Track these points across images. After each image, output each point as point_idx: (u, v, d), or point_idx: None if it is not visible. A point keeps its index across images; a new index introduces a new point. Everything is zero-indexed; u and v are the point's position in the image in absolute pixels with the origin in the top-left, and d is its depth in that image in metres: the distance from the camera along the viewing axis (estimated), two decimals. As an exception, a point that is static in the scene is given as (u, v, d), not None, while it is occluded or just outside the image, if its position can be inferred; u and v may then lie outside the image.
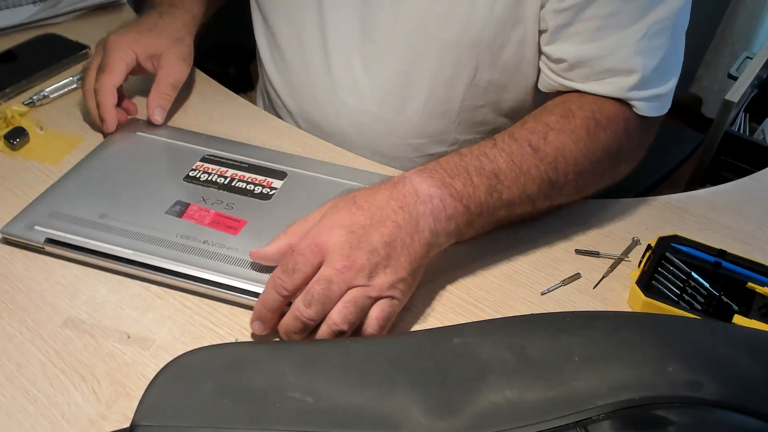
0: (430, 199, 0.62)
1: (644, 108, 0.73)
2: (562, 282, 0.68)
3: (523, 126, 0.70)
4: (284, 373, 0.51)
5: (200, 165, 0.77)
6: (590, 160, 0.70)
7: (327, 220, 0.60)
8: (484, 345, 0.53)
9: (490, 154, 0.66)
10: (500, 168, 0.66)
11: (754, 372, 0.50)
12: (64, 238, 0.67)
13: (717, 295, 0.65)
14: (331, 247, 0.58)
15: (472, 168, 0.65)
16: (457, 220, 0.63)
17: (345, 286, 0.57)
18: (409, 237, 0.60)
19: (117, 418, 0.54)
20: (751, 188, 0.83)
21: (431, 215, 0.61)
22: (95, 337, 0.60)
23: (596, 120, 0.71)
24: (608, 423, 0.46)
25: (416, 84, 0.85)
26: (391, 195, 0.61)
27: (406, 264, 0.59)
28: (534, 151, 0.67)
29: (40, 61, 0.95)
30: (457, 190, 0.63)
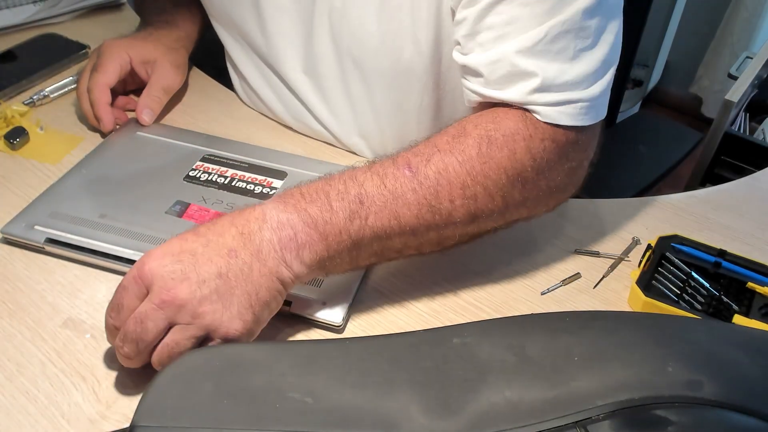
0: (279, 226, 0.57)
1: (552, 114, 0.63)
2: (563, 282, 0.68)
3: (410, 149, 0.63)
4: (284, 374, 0.51)
5: (200, 165, 0.77)
6: (482, 183, 0.61)
7: (157, 249, 0.55)
8: (484, 345, 0.53)
9: (360, 177, 0.60)
10: (367, 192, 0.59)
11: (754, 372, 0.50)
12: (64, 238, 0.67)
13: (717, 295, 0.65)
14: (154, 279, 0.53)
15: (333, 192, 0.59)
16: (311, 248, 0.58)
17: (164, 323, 0.53)
18: (248, 267, 0.55)
19: (117, 418, 0.54)
20: (751, 188, 0.83)
21: (279, 243, 0.57)
22: (95, 338, 0.60)
23: (490, 138, 0.62)
24: (608, 423, 0.46)
25: (366, 112, 0.83)
26: (233, 221, 0.57)
27: (242, 297, 0.55)
28: (413, 174, 0.60)
29: (40, 61, 0.95)
30: (311, 216, 0.58)
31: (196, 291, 0.53)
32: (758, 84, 1.46)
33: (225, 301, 0.54)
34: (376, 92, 0.81)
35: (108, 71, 0.83)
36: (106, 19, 1.10)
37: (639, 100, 2.45)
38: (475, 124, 0.63)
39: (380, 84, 0.79)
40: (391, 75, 0.78)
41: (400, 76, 0.78)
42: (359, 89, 0.81)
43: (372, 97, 0.81)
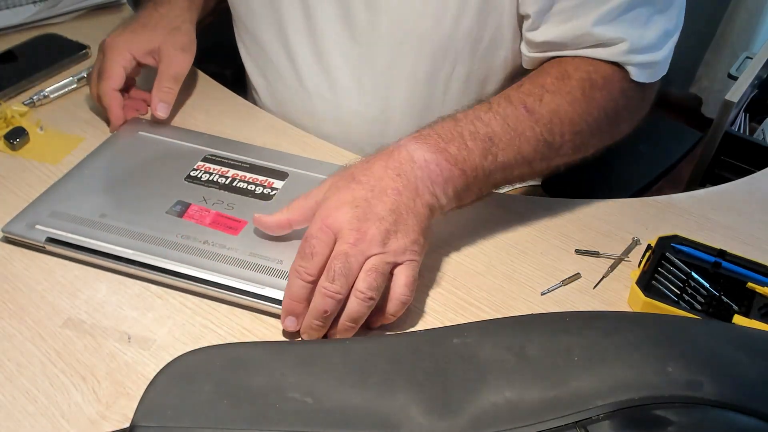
0: (426, 164, 0.63)
1: (637, 74, 0.74)
2: (562, 282, 0.68)
3: (519, 88, 0.71)
4: (284, 374, 0.51)
5: (201, 165, 0.77)
6: (587, 120, 0.71)
7: (330, 201, 0.62)
8: (484, 345, 0.53)
9: (485, 117, 0.67)
10: (495, 131, 0.67)
11: (754, 372, 0.50)
12: (65, 237, 0.67)
13: (717, 295, 0.65)
14: (340, 225, 0.60)
15: (466, 132, 0.66)
16: (454, 183, 0.64)
17: (362, 257, 0.59)
18: (412, 201, 0.62)
19: (117, 418, 0.54)
20: (751, 188, 0.83)
21: (428, 179, 0.63)
22: (95, 337, 0.60)
23: (592, 81, 0.72)
24: (608, 423, 0.46)
25: (397, 81, 0.85)
26: (387, 164, 0.63)
27: (414, 226, 0.61)
28: (529, 113, 0.68)
29: (40, 61, 0.95)
30: (452, 155, 0.64)
31: (379, 226, 0.60)
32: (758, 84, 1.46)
33: (402, 230, 0.61)
34: (408, 58, 0.82)
35: (113, 76, 0.83)
36: (106, 20, 1.10)
37: (639, 100, 2.44)
38: (575, 67, 0.73)
39: (414, 49, 0.81)
40: (429, 39, 0.80)
41: (438, 41, 0.80)
42: (393, 57, 0.82)
43: (403, 64, 0.83)
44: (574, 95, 0.71)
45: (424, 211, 0.63)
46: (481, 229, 0.73)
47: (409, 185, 0.62)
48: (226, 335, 0.61)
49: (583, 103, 0.71)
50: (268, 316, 0.63)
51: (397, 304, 0.61)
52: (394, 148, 0.64)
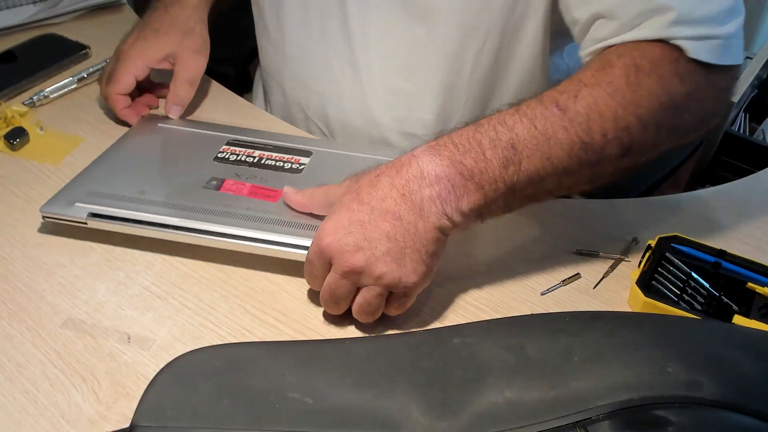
0: (437, 180, 0.59)
1: (693, 49, 0.62)
2: (562, 282, 0.68)
3: (555, 88, 0.63)
4: (284, 374, 0.51)
5: (227, 148, 0.79)
6: (634, 112, 0.61)
7: (329, 222, 0.60)
8: (484, 345, 0.53)
9: (509, 121, 0.60)
10: (519, 136, 0.59)
11: (753, 372, 0.50)
12: (108, 211, 0.67)
13: (717, 296, 0.65)
14: (332, 253, 0.59)
15: (486, 141, 0.59)
16: (469, 199, 0.59)
17: (352, 287, 0.59)
18: (413, 226, 0.58)
19: (117, 419, 0.54)
20: (751, 188, 0.83)
21: (438, 198, 0.59)
22: (95, 338, 0.60)
23: (637, 66, 0.62)
24: (608, 423, 0.46)
25: (426, 55, 0.84)
26: (394, 182, 0.59)
27: (413, 255, 0.58)
28: (562, 111, 0.60)
29: (40, 61, 0.95)
30: (467, 168, 0.59)
31: (370, 257, 0.58)
32: (758, 84, 1.46)
33: (398, 260, 0.58)
34: (438, 31, 0.81)
35: (120, 81, 0.85)
36: (106, 20, 1.10)
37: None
38: (618, 55, 0.63)
39: (445, 24, 0.80)
40: (460, 13, 0.79)
41: (470, 15, 0.79)
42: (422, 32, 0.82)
43: (432, 38, 0.82)
44: (617, 85, 0.61)
45: (429, 235, 0.59)
46: (480, 229, 0.73)
47: (414, 208, 0.58)
48: (226, 335, 0.61)
49: (628, 92, 0.61)
50: (268, 316, 0.63)
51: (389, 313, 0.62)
52: (406, 161, 0.60)
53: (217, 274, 0.67)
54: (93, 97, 0.91)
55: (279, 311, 0.64)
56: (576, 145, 0.60)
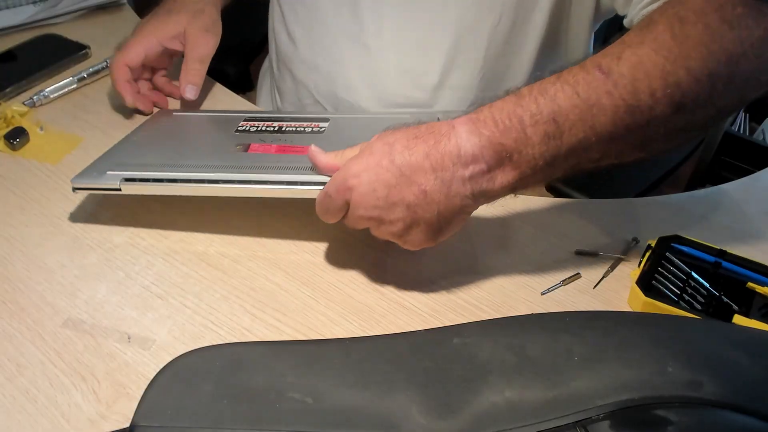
0: (473, 160, 0.58)
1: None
2: (563, 282, 0.68)
3: (598, 52, 0.60)
4: (284, 374, 0.51)
5: (245, 123, 0.80)
6: (684, 65, 0.57)
7: (357, 165, 0.60)
8: (484, 345, 0.53)
9: (551, 90, 0.58)
10: (561, 107, 0.57)
11: (753, 372, 0.50)
12: (142, 175, 0.68)
13: (717, 295, 0.65)
14: (352, 197, 0.60)
15: (527, 116, 0.58)
16: (504, 179, 0.59)
17: (363, 226, 0.63)
18: (435, 205, 0.59)
19: (117, 418, 0.54)
20: (751, 188, 0.83)
21: (469, 180, 0.58)
22: (95, 337, 0.60)
23: (681, 18, 0.58)
24: (608, 423, 0.46)
25: (440, 31, 0.84)
26: (429, 154, 0.58)
27: (425, 227, 0.60)
28: (605, 75, 0.57)
29: (40, 61, 0.95)
30: (506, 149, 0.58)
31: (385, 217, 0.60)
32: (758, 84, 1.46)
33: (409, 228, 0.60)
34: (452, 7, 0.81)
35: (130, 51, 0.86)
36: (106, 20, 1.10)
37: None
38: (660, 12, 0.60)
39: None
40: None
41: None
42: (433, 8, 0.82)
43: (446, 14, 0.82)
44: (662, 40, 0.57)
45: (447, 214, 0.60)
46: (481, 230, 0.73)
47: (442, 187, 0.58)
48: (226, 335, 0.61)
49: (675, 46, 0.57)
50: (268, 316, 0.63)
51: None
52: (445, 133, 0.59)
53: (217, 273, 0.67)
54: (93, 97, 0.92)
55: (279, 311, 0.64)
56: (621, 110, 0.57)
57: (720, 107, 0.60)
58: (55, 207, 0.73)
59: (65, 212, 0.73)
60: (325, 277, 0.67)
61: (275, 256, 0.69)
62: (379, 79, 0.88)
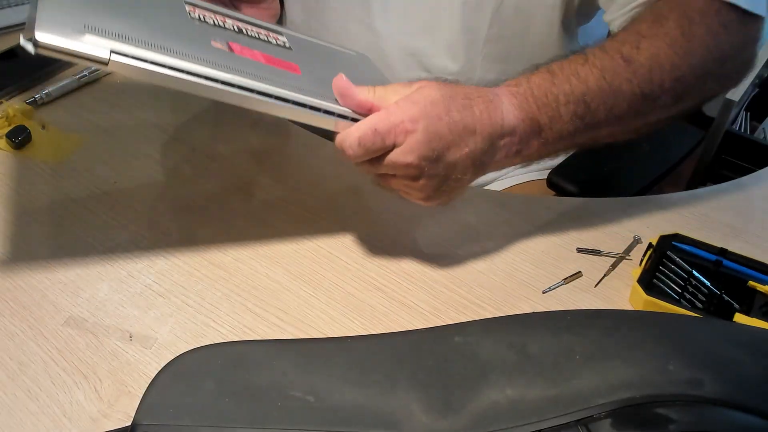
0: (511, 132, 0.62)
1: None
2: (564, 280, 0.68)
3: (615, 38, 0.66)
4: (285, 372, 0.51)
5: (192, 8, 0.64)
6: (689, 62, 0.65)
7: (417, 111, 0.59)
8: (486, 343, 0.53)
9: (582, 72, 0.63)
10: (590, 89, 0.63)
11: (754, 370, 0.50)
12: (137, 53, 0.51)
13: (718, 294, 0.65)
14: (408, 142, 0.59)
15: (562, 96, 0.62)
16: (528, 152, 0.64)
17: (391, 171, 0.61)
18: (474, 168, 0.62)
19: (119, 417, 0.54)
20: (752, 187, 0.83)
21: (503, 149, 0.62)
22: (97, 336, 0.60)
23: (689, 17, 0.66)
24: (609, 421, 0.46)
25: (446, 12, 0.84)
26: (481, 119, 0.60)
27: (454, 186, 0.62)
28: (627, 63, 0.64)
29: (42, 60, 0.95)
30: (540, 124, 0.63)
31: (427, 170, 0.60)
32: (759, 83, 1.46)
33: (440, 187, 0.61)
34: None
35: None
36: (107, 19, 1.10)
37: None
38: (669, 7, 0.67)
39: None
40: None
41: None
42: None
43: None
44: (673, 36, 0.65)
45: (477, 176, 0.63)
46: (482, 228, 0.74)
47: (482, 154, 0.61)
48: (228, 334, 0.61)
49: (684, 43, 0.65)
50: (269, 314, 0.63)
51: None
52: (496, 101, 0.62)
53: (218, 272, 0.67)
54: (95, 95, 0.91)
55: (281, 309, 0.64)
56: (637, 97, 0.64)
57: (703, 99, 0.70)
58: (57, 206, 0.73)
59: (67, 211, 0.73)
60: (327, 276, 0.67)
61: (277, 255, 0.69)
62: (385, 61, 0.88)
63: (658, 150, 1.05)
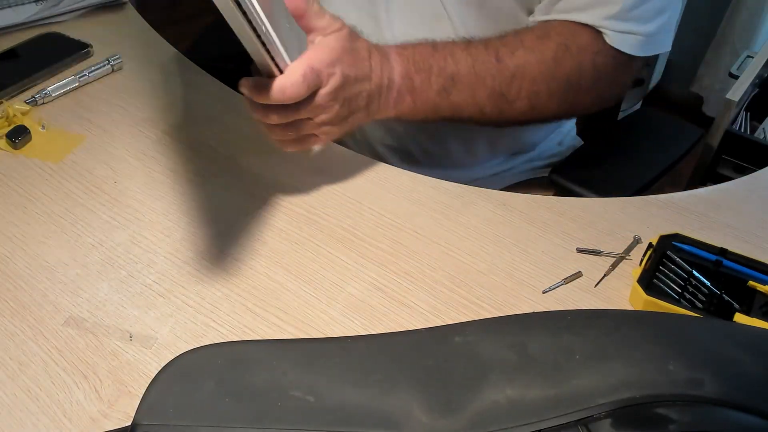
0: (391, 86, 0.72)
1: (618, 41, 0.76)
2: (564, 280, 0.68)
3: (501, 38, 0.76)
4: (285, 372, 0.51)
5: None
6: (548, 83, 0.76)
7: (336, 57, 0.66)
8: (486, 343, 0.53)
9: (458, 55, 0.74)
10: (459, 72, 0.73)
11: (755, 370, 0.50)
12: None
13: (718, 294, 0.65)
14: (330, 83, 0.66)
15: (435, 67, 0.73)
16: (401, 109, 0.74)
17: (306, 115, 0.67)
18: (365, 109, 0.71)
19: (119, 417, 0.54)
20: (752, 187, 0.83)
21: (383, 98, 0.72)
22: (97, 336, 0.60)
23: (566, 46, 0.75)
24: (609, 421, 0.46)
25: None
26: (375, 69, 0.70)
27: (355, 121, 0.71)
28: (498, 61, 0.74)
29: (42, 60, 0.95)
30: (414, 86, 0.73)
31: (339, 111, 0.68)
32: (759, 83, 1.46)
33: (348, 116, 0.70)
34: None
35: None
36: (108, 19, 1.10)
37: (640, 99, 2.44)
38: (557, 32, 0.76)
39: None
40: None
41: None
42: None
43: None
44: (546, 57, 0.75)
45: (361, 120, 0.72)
46: (482, 228, 0.74)
47: (374, 96, 0.71)
48: (228, 333, 0.61)
49: (551, 65, 0.75)
50: (269, 314, 0.63)
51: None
52: (387, 58, 0.71)
53: (218, 272, 0.67)
54: (95, 95, 0.92)
55: (281, 309, 0.64)
56: (495, 93, 0.75)
57: (558, 116, 0.84)
58: (57, 206, 0.73)
59: (67, 211, 0.73)
60: (327, 276, 0.67)
61: (277, 255, 0.69)
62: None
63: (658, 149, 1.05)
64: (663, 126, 0.89)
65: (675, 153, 1.11)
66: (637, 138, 1.03)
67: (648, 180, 0.98)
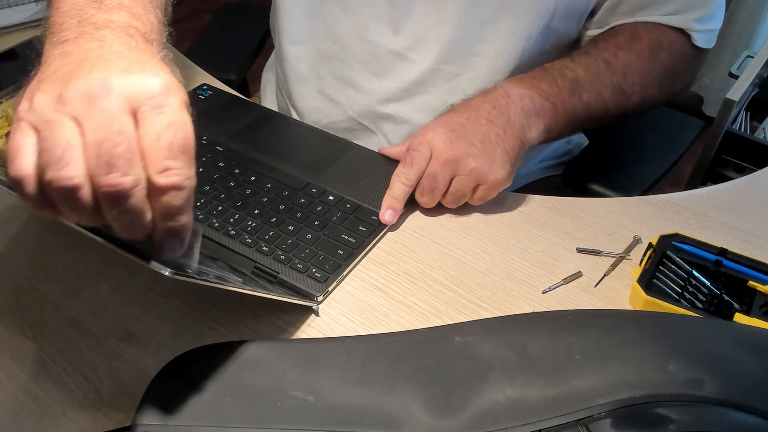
0: (520, 98, 0.73)
1: (700, 40, 0.85)
2: (564, 280, 0.68)
3: (596, 46, 0.82)
4: (285, 372, 0.51)
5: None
6: (652, 75, 0.83)
7: (431, 122, 0.72)
8: (486, 343, 0.53)
9: (570, 65, 0.79)
10: (580, 75, 0.78)
11: (754, 370, 0.50)
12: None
13: (718, 294, 0.65)
14: (436, 142, 0.71)
15: (556, 74, 0.77)
16: (545, 116, 0.75)
17: (449, 176, 0.71)
18: (502, 131, 0.71)
19: (119, 417, 0.54)
20: (751, 186, 0.83)
21: (522, 112, 0.73)
22: (97, 336, 0.60)
23: (659, 42, 0.83)
24: (609, 421, 0.46)
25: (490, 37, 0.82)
26: (485, 99, 0.73)
27: (502, 154, 0.71)
28: (606, 65, 0.80)
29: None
30: (544, 90, 0.75)
31: (468, 150, 0.70)
32: (759, 83, 1.45)
33: (489, 157, 0.71)
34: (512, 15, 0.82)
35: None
36: (107, 19, 1.10)
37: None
38: (645, 30, 0.83)
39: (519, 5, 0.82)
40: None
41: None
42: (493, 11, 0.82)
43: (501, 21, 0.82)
44: (644, 54, 0.82)
45: (514, 141, 0.72)
46: (482, 228, 0.74)
47: (502, 116, 0.72)
48: (228, 334, 0.61)
49: (651, 61, 0.82)
50: (269, 314, 0.63)
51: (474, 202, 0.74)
52: (491, 88, 0.74)
53: (218, 272, 0.67)
54: (94, 95, 0.91)
55: (281, 309, 0.64)
56: (616, 89, 0.80)
57: (655, 105, 0.88)
58: (57, 206, 0.73)
59: (67, 211, 0.73)
60: (327, 276, 0.67)
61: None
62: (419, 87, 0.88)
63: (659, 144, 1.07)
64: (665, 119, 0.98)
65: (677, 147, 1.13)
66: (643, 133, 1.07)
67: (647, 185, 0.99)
